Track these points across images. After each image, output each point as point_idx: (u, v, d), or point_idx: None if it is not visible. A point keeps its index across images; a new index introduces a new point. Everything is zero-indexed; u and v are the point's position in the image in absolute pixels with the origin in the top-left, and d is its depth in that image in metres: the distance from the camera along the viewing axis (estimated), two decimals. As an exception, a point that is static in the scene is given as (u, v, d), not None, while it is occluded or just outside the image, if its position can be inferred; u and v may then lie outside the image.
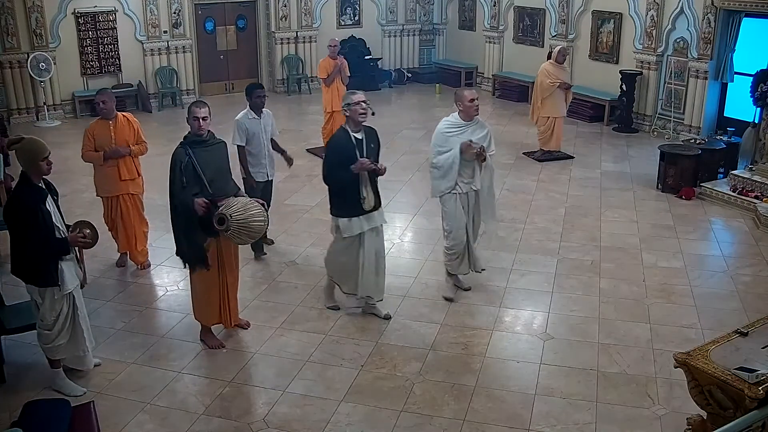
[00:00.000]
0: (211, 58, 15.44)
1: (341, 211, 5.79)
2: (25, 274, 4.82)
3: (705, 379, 3.77)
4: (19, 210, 4.65)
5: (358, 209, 5.72)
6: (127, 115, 6.95)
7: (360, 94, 5.71)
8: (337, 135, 5.81)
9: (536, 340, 5.82)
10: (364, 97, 5.69)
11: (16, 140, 4.80)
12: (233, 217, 5.13)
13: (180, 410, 4.93)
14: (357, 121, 5.68)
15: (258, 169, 7.11)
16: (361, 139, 5.72)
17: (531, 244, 7.73)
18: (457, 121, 6.11)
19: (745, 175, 8.99)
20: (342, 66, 10.37)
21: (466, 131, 6.07)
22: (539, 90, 10.57)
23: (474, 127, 6.12)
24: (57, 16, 13.32)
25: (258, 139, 7.05)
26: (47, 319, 4.90)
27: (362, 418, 4.85)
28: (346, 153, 5.63)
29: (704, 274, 7.06)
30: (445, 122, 6.16)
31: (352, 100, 5.64)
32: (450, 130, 6.09)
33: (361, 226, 5.78)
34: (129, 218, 6.96)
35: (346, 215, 5.75)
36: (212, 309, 5.66)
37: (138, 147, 6.88)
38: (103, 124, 6.74)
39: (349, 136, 5.70)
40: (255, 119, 7.03)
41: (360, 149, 5.68)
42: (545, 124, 10.67)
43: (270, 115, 7.28)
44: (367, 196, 5.73)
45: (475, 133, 6.09)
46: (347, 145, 5.65)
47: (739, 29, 10.90)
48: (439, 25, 17.70)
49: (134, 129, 6.87)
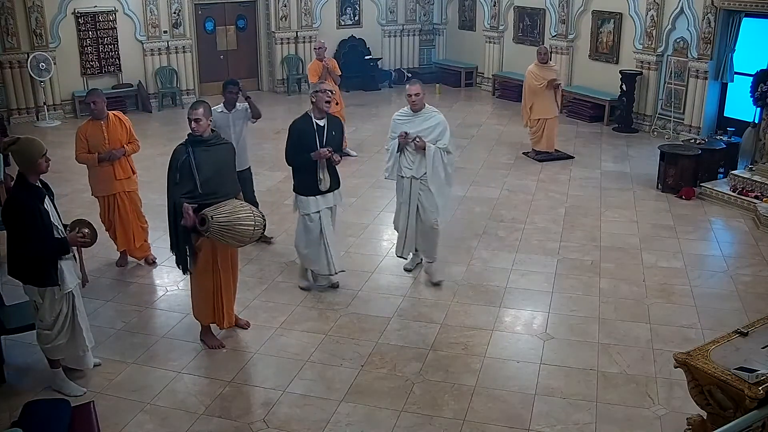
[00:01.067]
0: (211, 58, 15.44)
1: (301, 189, 6.26)
2: (24, 275, 4.81)
3: (705, 379, 3.78)
4: (17, 210, 4.64)
5: (315, 189, 6.18)
6: (118, 114, 6.95)
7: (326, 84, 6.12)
8: (299, 120, 6.20)
9: (536, 340, 5.82)
10: (330, 87, 6.16)
11: (12, 141, 4.77)
12: (215, 219, 5.12)
13: (180, 410, 4.93)
14: (321, 109, 6.11)
15: None
16: (323, 126, 6.13)
17: (531, 244, 7.73)
18: (407, 111, 6.56)
19: (745, 175, 8.99)
20: (330, 66, 10.35)
21: (413, 121, 6.47)
22: (527, 92, 10.55)
23: (423, 118, 6.46)
24: (57, 16, 13.32)
25: (225, 132, 7.06)
26: (46, 319, 4.90)
27: (362, 418, 4.86)
28: (306, 138, 6.08)
29: (704, 274, 7.06)
30: (398, 112, 6.66)
31: (319, 88, 6.12)
32: (399, 119, 6.57)
33: (317, 205, 6.24)
34: (126, 216, 6.96)
35: (304, 193, 6.23)
36: (207, 308, 5.67)
37: (131, 146, 6.90)
38: (94, 124, 6.73)
39: (311, 121, 6.12)
40: (224, 113, 7.24)
41: (320, 135, 6.10)
42: (536, 125, 10.67)
43: (244, 110, 7.34)
44: (324, 178, 6.17)
45: (423, 123, 6.44)
46: (308, 130, 6.09)
47: (739, 29, 10.90)
48: (439, 25, 17.70)
49: (126, 128, 6.88)
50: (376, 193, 9.36)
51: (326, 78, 10.25)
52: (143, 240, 7.19)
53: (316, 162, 6.10)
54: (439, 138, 6.43)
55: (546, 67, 10.50)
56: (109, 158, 6.71)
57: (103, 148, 6.69)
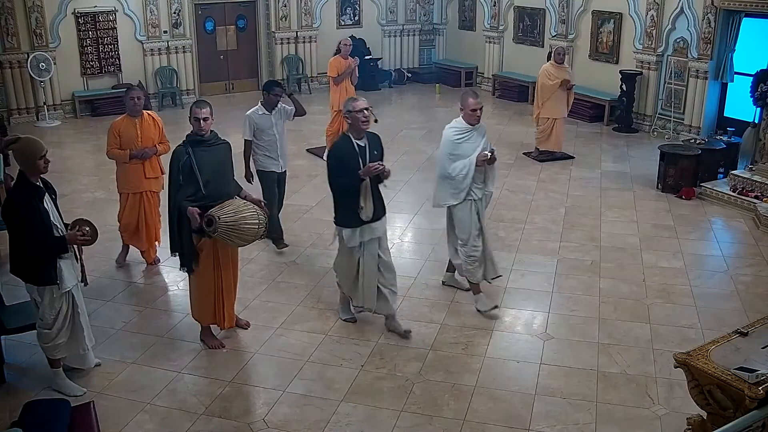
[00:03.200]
0: (211, 58, 15.44)
1: (343, 220, 5.66)
2: (24, 273, 4.82)
3: (705, 379, 3.78)
4: (17, 209, 4.66)
5: (357, 219, 5.56)
6: (152, 114, 6.98)
7: (362, 101, 5.54)
8: (339, 143, 5.64)
9: (536, 340, 5.82)
10: (366, 104, 5.52)
11: (13, 140, 4.79)
12: (221, 219, 5.13)
13: (180, 410, 4.93)
14: (359, 129, 5.53)
15: (272, 160, 7.30)
16: (364, 147, 5.56)
17: (531, 244, 7.73)
18: (462, 125, 6.03)
19: (745, 175, 8.99)
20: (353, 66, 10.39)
21: (473, 135, 6.01)
22: (541, 91, 10.57)
23: (480, 130, 6.07)
24: (57, 16, 13.32)
25: (268, 135, 7.21)
26: (46, 318, 4.90)
27: (362, 418, 4.86)
28: (349, 161, 5.47)
29: (704, 274, 7.06)
30: (451, 129, 6.06)
31: (355, 108, 5.47)
32: (458, 137, 6.00)
33: (361, 236, 5.63)
34: (151, 215, 6.97)
35: (347, 225, 5.62)
36: (207, 308, 5.67)
37: (162, 146, 6.91)
38: (129, 121, 6.73)
39: (351, 143, 5.53)
40: (265, 115, 7.17)
41: (363, 157, 5.52)
42: (545, 123, 10.68)
43: (285, 111, 7.34)
44: (365, 206, 5.53)
45: (483, 136, 6.07)
46: (350, 153, 5.50)
47: (739, 29, 10.90)
48: (439, 25, 17.70)
49: (159, 128, 6.90)
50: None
51: (346, 77, 10.25)
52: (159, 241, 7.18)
53: (359, 187, 5.48)
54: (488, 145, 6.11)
55: (561, 68, 10.52)
56: (141, 156, 6.72)
57: (136, 146, 6.69)
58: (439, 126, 12.92)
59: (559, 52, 10.56)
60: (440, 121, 13.22)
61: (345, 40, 10.70)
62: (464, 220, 6.13)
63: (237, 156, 7.67)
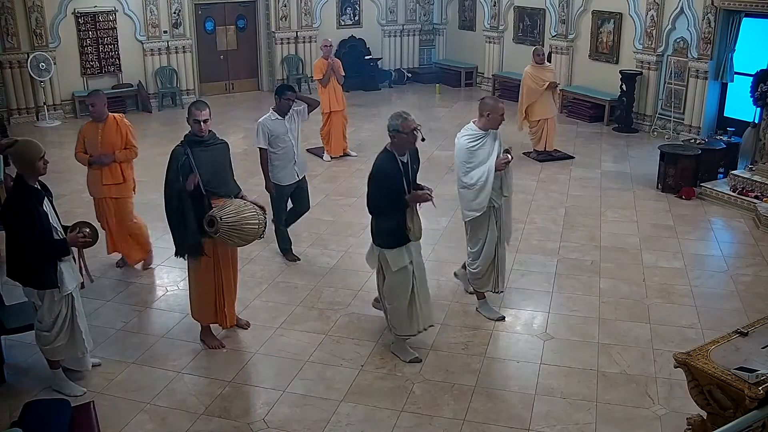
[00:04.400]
0: (211, 58, 15.44)
1: (389, 242, 5.26)
2: (24, 277, 4.80)
3: (705, 379, 3.77)
4: (17, 212, 4.63)
5: (405, 239, 5.25)
6: (118, 118, 6.78)
7: (412, 119, 5.17)
8: (383, 161, 5.21)
9: (536, 340, 5.82)
10: (416, 124, 5.17)
11: (10, 143, 4.77)
12: (223, 220, 5.13)
13: (180, 410, 4.93)
14: (406, 148, 5.23)
15: (286, 171, 7.00)
16: (407, 163, 5.27)
17: (531, 244, 7.73)
18: (476, 132, 5.80)
19: (745, 175, 8.99)
20: (335, 66, 10.39)
21: (487, 140, 5.80)
22: (526, 94, 10.50)
23: (493, 134, 5.87)
24: (57, 16, 13.32)
25: (283, 141, 6.91)
26: (46, 320, 4.89)
27: (362, 418, 4.85)
28: (396, 181, 5.16)
29: (704, 274, 7.06)
30: (465, 137, 5.83)
31: (406, 128, 5.10)
32: (474, 143, 5.78)
33: (410, 254, 5.33)
34: (113, 221, 6.85)
35: (394, 245, 5.25)
36: (208, 308, 5.66)
37: (124, 152, 6.69)
38: (92, 126, 6.70)
39: (396, 161, 5.20)
40: (278, 120, 6.90)
41: (406, 174, 5.25)
42: (536, 125, 10.67)
43: (299, 113, 7.10)
44: (413, 226, 5.23)
45: (495, 141, 5.85)
46: (395, 172, 5.18)
47: (739, 29, 10.89)
48: (439, 25, 17.70)
49: (122, 133, 6.70)
50: (376, 193, 9.33)
51: (330, 77, 10.29)
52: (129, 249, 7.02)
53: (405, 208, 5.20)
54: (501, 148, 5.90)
55: (543, 68, 10.51)
56: (98, 162, 6.65)
57: (96, 151, 6.64)
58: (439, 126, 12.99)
59: (538, 53, 10.54)
60: (440, 121, 13.29)
61: (324, 41, 10.72)
62: (477, 231, 5.97)
63: (237, 156, 7.70)
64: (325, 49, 10.41)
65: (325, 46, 10.46)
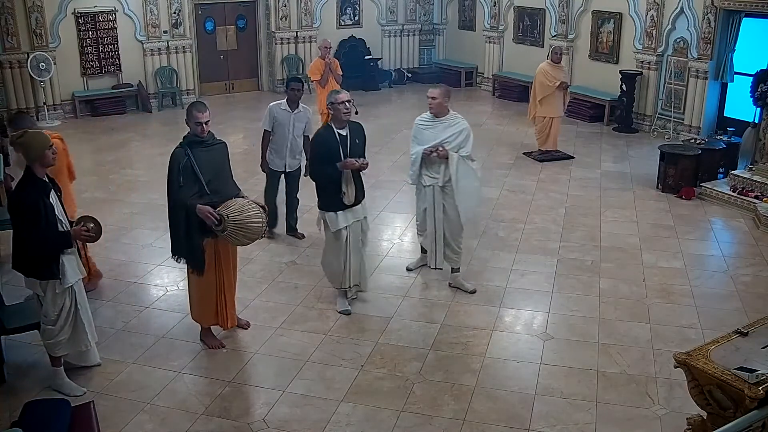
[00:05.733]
0: (211, 58, 15.44)
1: (326, 205, 5.99)
2: (26, 268, 4.84)
3: (705, 379, 3.77)
4: (23, 203, 4.70)
5: (340, 204, 5.92)
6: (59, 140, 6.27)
7: (344, 93, 5.93)
8: (321, 132, 5.98)
9: (536, 340, 5.82)
10: (347, 97, 5.89)
11: (19, 134, 4.84)
12: (230, 218, 5.15)
13: (180, 410, 4.93)
14: (341, 120, 5.88)
15: (277, 158, 7.51)
16: (346, 136, 5.90)
17: (531, 244, 7.73)
18: (430, 116, 6.43)
19: (745, 175, 8.99)
20: (332, 65, 10.41)
21: (436, 127, 6.36)
22: (538, 89, 10.57)
23: (446, 124, 6.34)
24: (57, 16, 13.32)
25: (283, 130, 7.40)
26: (50, 313, 4.92)
27: (362, 418, 4.86)
28: (331, 150, 5.83)
29: (704, 274, 7.06)
30: (420, 116, 6.53)
31: (336, 100, 5.84)
32: (422, 124, 6.45)
33: (346, 219, 5.98)
34: None
35: (331, 209, 5.96)
36: (209, 310, 5.66)
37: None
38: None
39: (333, 133, 5.88)
40: (286, 111, 7.37)
41: (344, 146, 5.86)
42: (542, 122, 10.69)
43: (307, 112, 7.55)
44: (347, 191, 5.90)
45: (446, 130, 6.32)
46: (332, 142, 5.85)
47: (739, 29, 10.90)
48: (439, 25, 17.70)
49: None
50: (376, 194, 9.34)
51: (328, 77, 10.30)
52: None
53: (340, 175, 5.85)
54: (463, 145, 6.31)
55: (558, 67, 10.54)
56: None
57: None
58: (439, 126, 12.92)
59: (556, 52, 10.57)
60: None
61: (324, 41, 10.75)
62: (418, 200, 6.65)
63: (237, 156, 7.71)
64: (324, 50, 10.44)
65: (325, 47, 10.49)
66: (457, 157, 6.26)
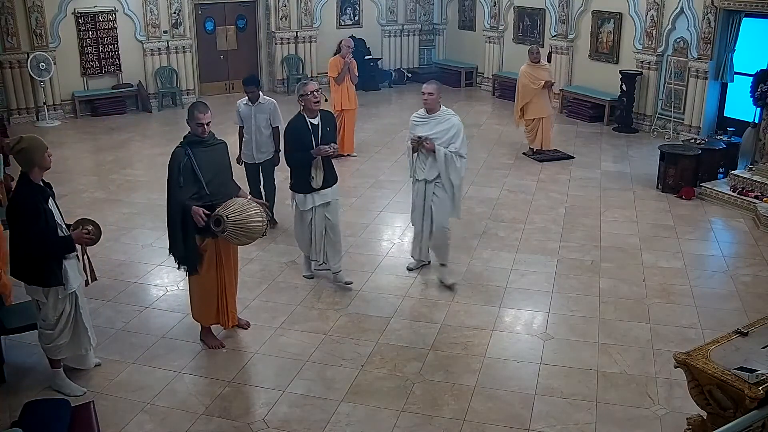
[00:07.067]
0: (211, 58, 15.44)
1: (296, 187, 6.47)
2: (28, 275, 4.80)
3: (705, 379, 3.78)
4: (22, 209, 4.64)
5: (309, 187, 6.37)
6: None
7: (313, 83, 6.40)
8: (294, 121, 6.38)
9: (536, 340, 5.82)
10: (316, 87, 6.36)
11: (17, 141, 4.76)
12: (230, 219, 5.14)
13: (180, 410, 4.93)
14: (312, 109, 6.30)
15: (248, 151, 7.96)
16: (317, 125, 6.32)
17: (531, 244, 7.73)
18: (423, 113, 6.62)
19: (745, 175, 8.99)
20: (351, 66, 10.50)
21: (428, 123, 6.53)
22: (522, 93, 10.55)
23: (437, 120, 6.49)
24: (57, 16, 13.31)
25: (248, 124, 7.85)
26: (49, 318, 4.90)
27: (362, 418, 4.86)
28: (303, 137, 6.27)
29: (704, 274, 7.06)
30: (415, 113, 6.73)
31: (306, 91, 6.26)
32: (416, 120, 6.65)
33: (313, 201, 6.43)
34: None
35: (300, 191, 6.44)
36: (210, 309, 5.66)
37: None
38: None
39: (305, 122, 6.31)
40: (247, 105, 7.83)
41: (316, 134, 6.29)
42: (531, 124, 10.72)
43: (268, 104, 7.85)
44: (316, 176, 6.34)
45: (437, 126, 6.47)
46: (304, 131, 6.28)
47: (739, 29, 10.89)
48: (439, 25, 17.70)
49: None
50: (376, 193, 9.35)
51: (345, 76, 10.41)
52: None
53: (311, 161, 6.27)
54: (453, 141, 6.41)
55: (539, 67, 10.52)
56: None
57: None
58: (439, 126, 12.90)
59: (532, 51, 10.57)
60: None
61: (346, 41, 10.80)
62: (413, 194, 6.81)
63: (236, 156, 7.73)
64: (346, 49, 10.54)
65: (347, 46, 10.61)
66: (443, 152, 6.37)
